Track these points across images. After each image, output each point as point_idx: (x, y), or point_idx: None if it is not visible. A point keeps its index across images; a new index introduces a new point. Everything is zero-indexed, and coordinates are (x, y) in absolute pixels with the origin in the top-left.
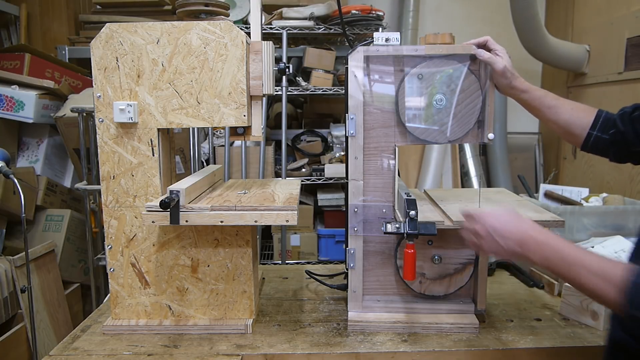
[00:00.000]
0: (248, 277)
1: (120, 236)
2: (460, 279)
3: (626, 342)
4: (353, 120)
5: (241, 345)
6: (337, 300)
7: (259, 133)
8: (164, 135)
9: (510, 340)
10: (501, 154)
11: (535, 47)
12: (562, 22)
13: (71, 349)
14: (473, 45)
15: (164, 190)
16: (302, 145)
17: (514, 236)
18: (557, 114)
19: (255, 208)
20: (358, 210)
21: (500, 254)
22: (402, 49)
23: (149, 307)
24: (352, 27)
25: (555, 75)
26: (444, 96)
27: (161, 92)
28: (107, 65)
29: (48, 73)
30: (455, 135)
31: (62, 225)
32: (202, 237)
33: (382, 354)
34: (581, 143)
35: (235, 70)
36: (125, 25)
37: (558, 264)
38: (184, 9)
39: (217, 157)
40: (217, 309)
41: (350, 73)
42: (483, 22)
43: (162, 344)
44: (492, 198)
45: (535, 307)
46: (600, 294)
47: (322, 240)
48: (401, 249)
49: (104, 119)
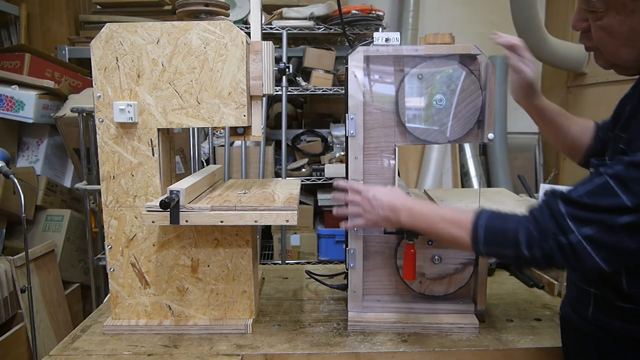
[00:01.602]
0: (248, 277)
1: (120, 236)
2: (460, 279)
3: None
4: (353, 120)
5: (241, 345)
6: (337, 300)
7: (259, 133)
8: (164, 135)
9: (510, 340)
10: (501, 154)
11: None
12: (562, 22)
13: (71, 349)
14: (502, 42)
15: (164, 190)
16: (302, 145)
17: (387, 204)
18: (569, 128)
19: (255, 208)
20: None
21: (378, 222)
22: (402, 49)
23: (149, 307)
24: (352, 27)
25: (555, 75)
26: (444, 96)
27: (161, 92)
28: (107, 65)
29: (48, 73)
30: (455, 135)
31: (62, 225)
32: (202, 237)
33: (382, 354)
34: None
35: (235, 70)
36: (125, 25)
37: (421, 221)
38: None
39: (217, 157)
40: (217, 309)
41: (350, 73)
42: (483, 22)
43: (162, 344)
44: (492, 198)
45: (535, 307)
46: (456, 239)
47: (322, 240)
48: (401, 249)
49: (104, 119)
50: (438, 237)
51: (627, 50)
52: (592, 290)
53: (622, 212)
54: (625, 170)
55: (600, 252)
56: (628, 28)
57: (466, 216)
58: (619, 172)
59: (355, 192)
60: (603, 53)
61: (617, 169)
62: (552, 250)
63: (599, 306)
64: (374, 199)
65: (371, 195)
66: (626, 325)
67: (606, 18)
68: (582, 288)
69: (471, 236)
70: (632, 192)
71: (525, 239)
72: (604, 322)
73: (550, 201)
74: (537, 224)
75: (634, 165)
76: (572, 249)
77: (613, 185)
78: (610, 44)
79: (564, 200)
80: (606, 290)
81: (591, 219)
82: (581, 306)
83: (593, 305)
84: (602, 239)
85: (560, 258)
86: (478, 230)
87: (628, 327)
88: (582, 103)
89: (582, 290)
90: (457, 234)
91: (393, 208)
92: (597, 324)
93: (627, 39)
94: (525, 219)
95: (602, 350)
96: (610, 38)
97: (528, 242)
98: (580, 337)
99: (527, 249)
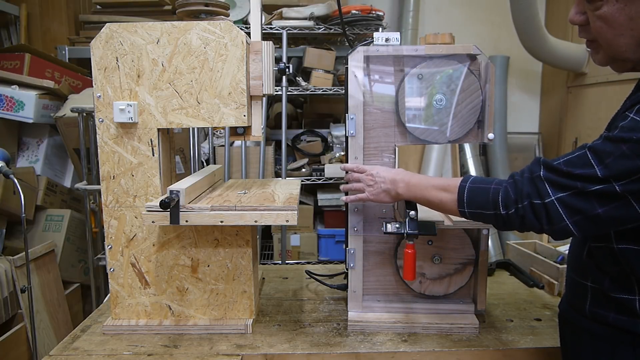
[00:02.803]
0: (248, 277)
1: (120, 236)
2: (460, 279)
3: (568, 313)
4: (353, 120)
5: (241, 345)
6: (337, 300)
7: (259, 133)
8: (164, 135)
9: (510, 340)
10: (501, 154)
11: (535, 47)
12: (562, 22)
13: (71, 349)
14: None
15: (164, 190)
16: (302, 145)
17: (388, 177)
18: None
19: (255, 208)
20: (358, 210)
21: (379, 195)
22: (402, 49)
23: (149, 307)
24: (352, 27)
25: (555, 75)
26: (444, 96)
27: (161, 92)
28: (107, 65)
29: (48, 73)
30: (455, 135)
31: (62, 225)
32: (202, 237)
33: (382, 354)
34: None
35: (235, 70)
36: (125, 25)
37: (416, 190)
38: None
39: (217, 157)
40: (217, 309)
41: (350, 73)
42: (483, 23)
43: (162, 344)
44: None
45: (535, 307)
46: (444, 203)
47: (322, 240)
48: (401, 249)
49: (104, 119)
50: (429, 203)
51: (626, 40)
52: (588, 284)
53: (593, 182)
54: (601, 144)
55: (571, 215)
56: (627, 16)
57: (454, 182)
58: (596, 145)
59: (360, 170)
60: (601, 45)
61: (595, 143)
62: (526, 210)
63: (596, 299)
64: (377, 175)
65: (375, 172)
66: (622, 318)
67: (605, 7)
68: (579, 282)
69: (457, 198)
70: (604, 164)
71: (503, 199)
72: (600, 316)
73: (532, 166)
74: (516, 186)
75: (610, 139)
76: (546, 210)
77: (589, 157)
78: (609, 33)
79: (545, 166)
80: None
81: (566, 184)
82: (578, 301)
83: (590, 298)
84: (573, 202)
85: (533, 217)
86: (464, 192)
87: (623, 319)
88: (582, 103)
89: (579, 284)
90: (445, 198)
91: (393, 181)
92: (594, 317)
93: (626, 28)
94: (506, 182)
95: (597, 344)
96: (609, 28)
97: (505, 202)
98: (576, 333)
99: (504, 209)
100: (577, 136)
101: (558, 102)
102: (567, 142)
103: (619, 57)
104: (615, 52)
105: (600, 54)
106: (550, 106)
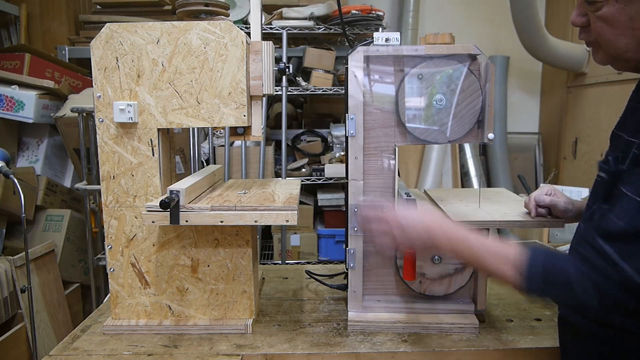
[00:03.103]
0: (248, 277)
1: (120, 236)
2: (460, 279)
3: (570, 316)
4: (353, 120)
5: (241, 345)
6: (337, 300)
7: (259, 133)
8: (164, 135)
9: (510, 340)
10: (501, 154)
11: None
12: (562, 22)
13: (71, 349)
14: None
15: (164, 190)
16: (302, 145)
17: (422, 225)
18: None
19: (255, 208)
20: (358, 210)
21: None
22: (402, 49)
23: (149, 307)
24: (352, 27)
25: (555, 75)
26: (444, 96)
27: (161, 92)
28: (107, 65)
29: (48, 73)
30: (455, 135)
31: (62, 225)
32: (202, 237)
33: (382, 354)
34: None
35: (235, 70)
36: (125, 25)
37: (463, 249)
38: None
39: (217, 157)
40: (217, 309)
41: (350, 73)
42: (483, 22)
43: (162, 344)
44: (492, 198)
45: (535, 307)
46: (501, 274)
47: (322, 240)
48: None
49: (104, 119)
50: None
51: (626, 40)
52: None
53: None
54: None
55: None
56: (627, 16)
57: (513, 251)
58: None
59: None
60: (602, 45)
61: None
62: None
63: None
64: (404, 221)
65: (401, 217)
66: (629, 321)
67: (606, 7)
68: None
69: (524, 279)
70: None
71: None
72: (606, 318)
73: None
74: (589, 263)
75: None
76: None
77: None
78: (609, 34)
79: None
80: None
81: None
82: None
83: None
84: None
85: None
86: (531, 270)
87: (630, 322)
88: (582, 103)
89: None
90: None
91: (429, 230)
92: (599, 320)
93: (627, 28)
94: (575, 259)
95: (601, 347)
96: (610, 28)
97: (582, 283)
98: (579, 337)
99: (581, 290)
100: (577, 136)
101: (558, 102)
102: (567, 142)
103: (620, 57)
104: (616, 52)
105: (601, 53)
106: (550, 106)
